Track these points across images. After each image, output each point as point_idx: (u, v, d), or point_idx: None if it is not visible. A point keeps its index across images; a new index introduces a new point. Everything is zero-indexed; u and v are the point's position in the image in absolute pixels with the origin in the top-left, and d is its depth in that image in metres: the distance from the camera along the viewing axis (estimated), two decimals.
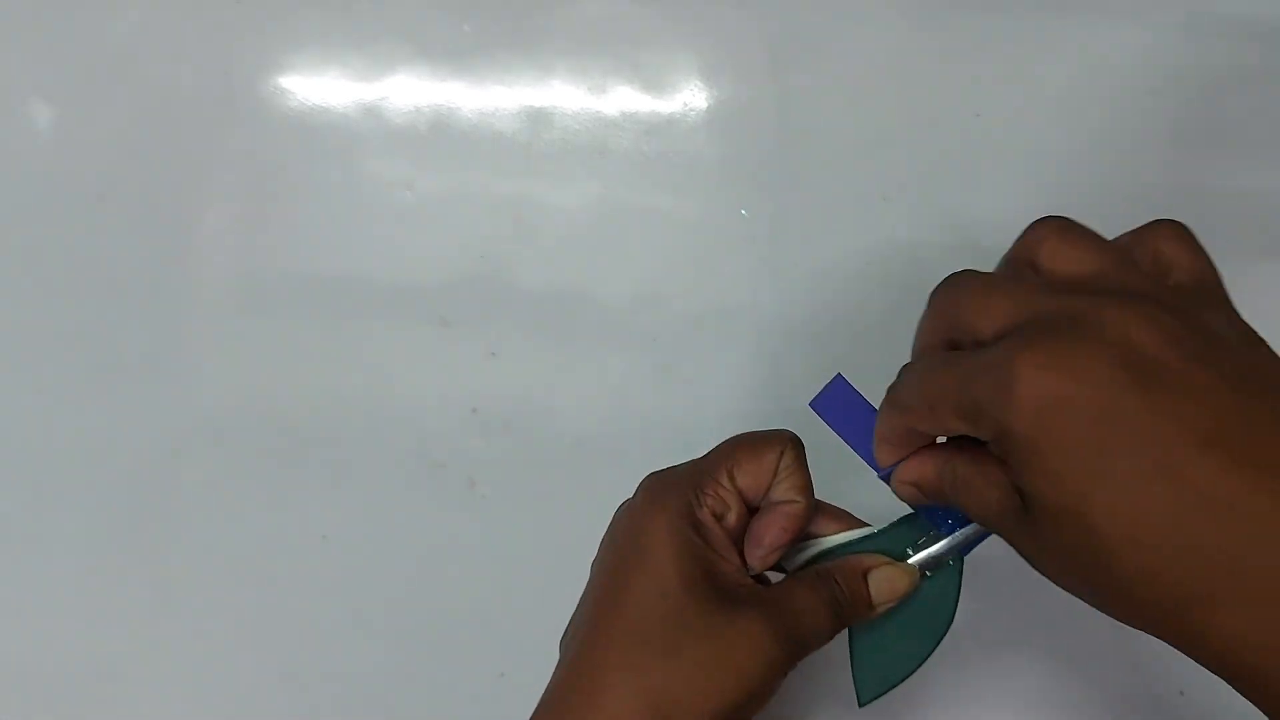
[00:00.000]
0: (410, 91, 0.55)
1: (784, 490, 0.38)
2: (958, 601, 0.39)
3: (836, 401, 0.40)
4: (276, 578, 0.54)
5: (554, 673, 0.37)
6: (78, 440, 0.55)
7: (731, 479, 0.38)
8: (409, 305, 0.54)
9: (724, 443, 0.39)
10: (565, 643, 0.38)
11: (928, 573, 0.39)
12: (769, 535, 0.37)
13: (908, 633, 0.40)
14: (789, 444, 0.39)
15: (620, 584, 0.36)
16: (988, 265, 0.53)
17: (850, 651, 0.40)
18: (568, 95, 0.55)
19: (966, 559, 0.40)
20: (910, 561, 0.39)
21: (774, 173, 0.54)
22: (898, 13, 0.54)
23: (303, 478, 0.54)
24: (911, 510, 0.39)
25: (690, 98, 0.54)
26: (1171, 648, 0.32)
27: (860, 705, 0.39)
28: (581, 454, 0.53)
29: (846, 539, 0.40)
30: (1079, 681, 0.46)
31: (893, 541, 0.39)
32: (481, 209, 0.54)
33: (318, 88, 0.55)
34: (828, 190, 0.54)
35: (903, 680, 0.39)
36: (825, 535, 0.40)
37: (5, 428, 0.55)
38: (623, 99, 0.54)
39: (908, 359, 0.53)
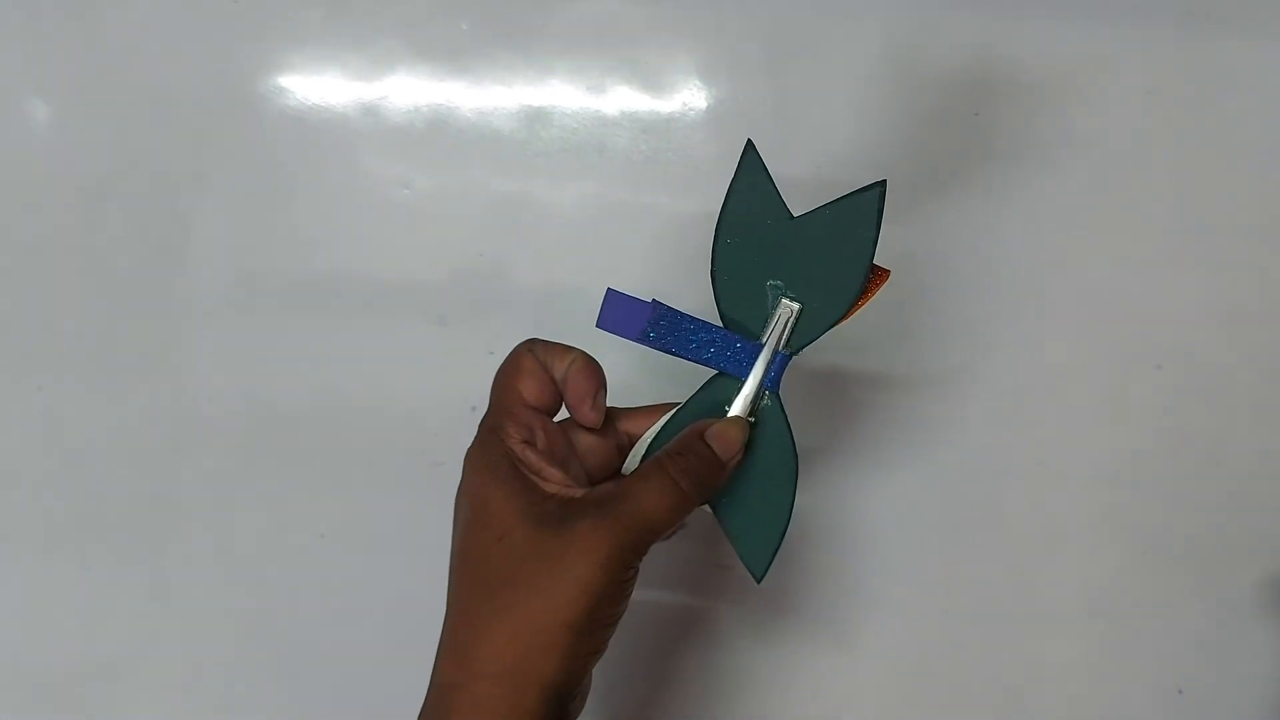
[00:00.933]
0: (409, 90, 0.55)
1: (564, 366, 0.41)
2: (791, 433, 0.40)
3: (618, 312, 0.42)
4: (274, 575, 0.54)
5: (439, 641, 0.39)
6: (74, 438, 0.55)
7: (522, 401, 0.40)
8: (407, 303, 0.54)
9: (495, 377, 0.41)
10: (449, 596, 0.40)
11: (752, 419, 0.40)
12: (574, 390, 0.40)
13: (764, 488, 0.40)
14: (537, 344, 0.41)
15: (464, 544, 0.39)
16: (984, 266, 0.53)
17: (728, 538, 0.41)
18: (566, 94, 0.55)
19: (783, 395, 0.41)
20: (733, 411, 0.40)
21: (772, 171, 0.54)
22: (894, 12, 0.54)
23: (300, 475, 0.54)
24: (712, 373, 0.41)
25: (688, 97, 0.54)
26: (1168, 645, 0.33)
27: (758, 580, 0.40)
28: None
29: (661, 424, 0.41)
30: (1075, 678, 0.46)
31: (706, 405, 0.41)
32: (480, 207, 0.54)
33: (316, 87, 0.55)
34: (826, 189, 0.54)
35: (783, 535, 0.40)
36: (642, 435, 0.42)
37: (2, 425, 0.55)
38: (621, 98, 0.55)
39: (904, 356, 0.53)
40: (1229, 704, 0.53)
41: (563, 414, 0.41)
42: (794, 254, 0.41)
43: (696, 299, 0.54)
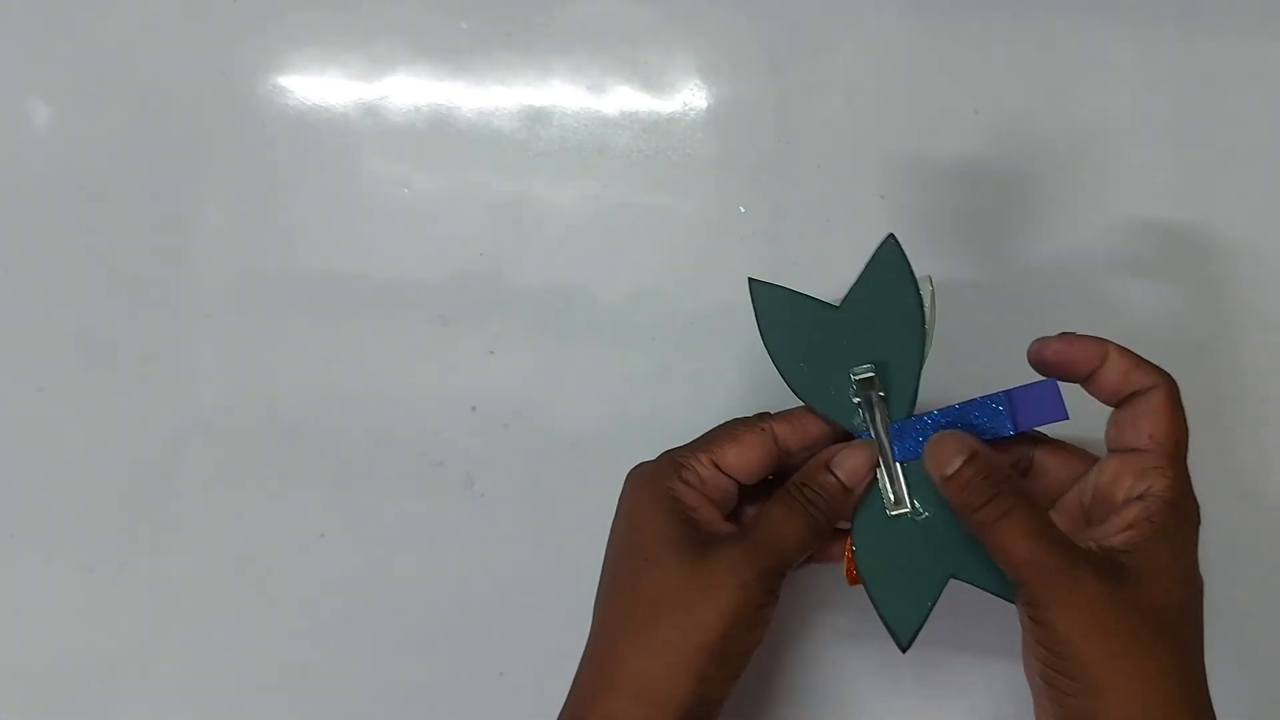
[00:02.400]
0: (409, 90, 0.55)
1: (803, 447, 0.42)
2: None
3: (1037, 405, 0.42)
4: (275, 576, 0.54)
5: (584, 649, 0.41)
6: (75, 438, 0.55)
7: (715, 464, 0.41)
8: (408, 303, 0.54)
9: (721, 426, 0.42)
10: (595, 614, 0.42)
11: (904, 495, 0.41)
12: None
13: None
14: (779, 422, 0.42)
15: (616, 561, 0.41)
16: (984, 265, 0.54)
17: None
18: (566, 94, 0.55)
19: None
20: (885, 494, 0.41)
21: (772, 171, 0.54)
22: (896, 12, 0.54)
23: (301, 476, 0.54)
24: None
25: (689, 97, 0.55)
26: None
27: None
28: (580, 452, 0.53)
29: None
30: None
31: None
32: (480, 207, 0.55)
33: (316, 87, 0.55)
34: (825, 188, 0.54)
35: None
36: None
37: (3, 425, 0.55)
38: (621, 98, 0.55)
39: None
40: (1228, 703, 0.53)
41: None
42: (854, 334, 0.42)
43: (696, 299, 0.54)
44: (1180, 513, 0.38)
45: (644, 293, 0.54)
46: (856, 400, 0.41)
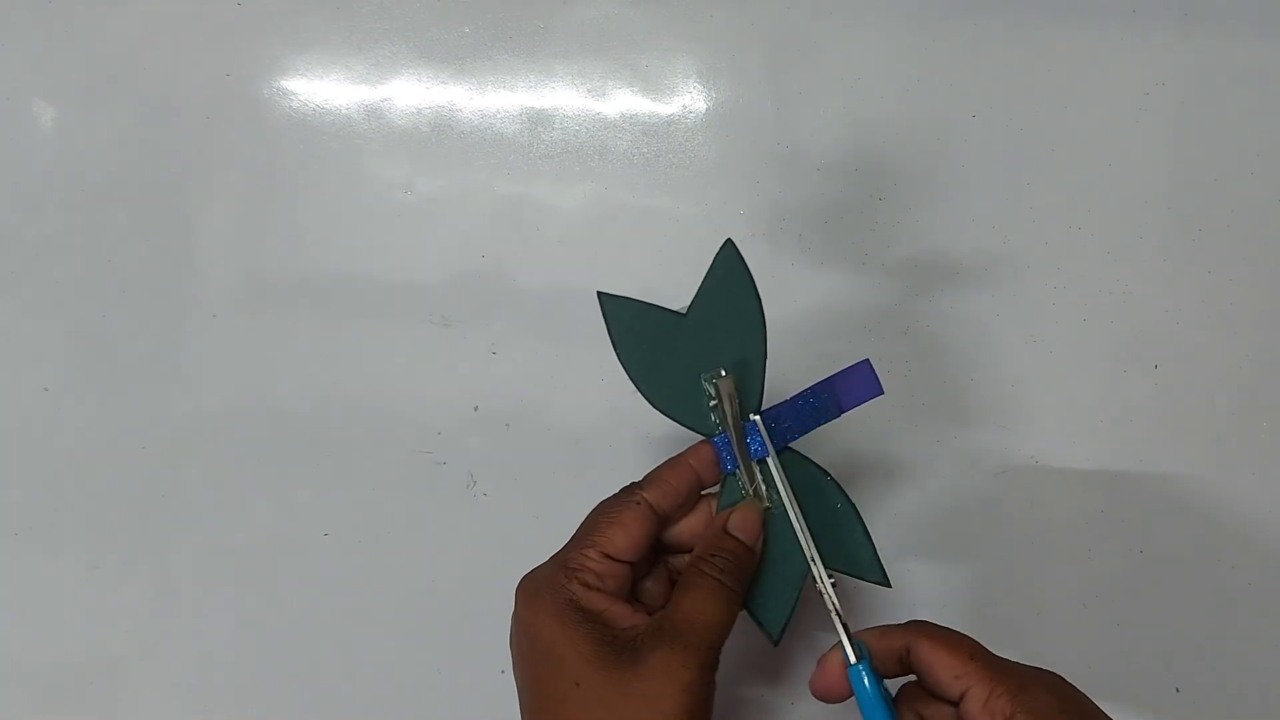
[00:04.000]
0: (411, 94, 0.55)
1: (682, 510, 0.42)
2: (823, 470, 0.42)
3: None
4: (278, 574, 0.54)
5: None
6: (80, 438, 0.55)
7: (604, 555, 0.39)
8: (410, 305, 0.54)
9: (591, 516, 0.41)
10: None
11: (764, 492, 0.42)
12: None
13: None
14: (651, 490, 0.41)
15: (536, 688, 0.38)
16: (983, 266, 0.54)
17: (840, 571, 0.42)
18: (567, 97, 0.55)
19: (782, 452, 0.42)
20: (748, 497, 0.42)
21: (772, 173, 0.54)
22: (893, 15, 0.54)
23: (304, 475, 0.54)
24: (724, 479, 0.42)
25: (688, 100, 0.55)
26: (1169, 645, 0.33)
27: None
28: (581, 452, 0.53)
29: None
30: (1073, 679, 0.46)
31: (733, 500, 0.42)
32: (482, 209, 0.55)
33: (320, 90, 0.55)
34: (824, 191, 0.54)
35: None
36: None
37: (9, 426, 0.55)
38: (622, 101, 0.55)
39: (902, 360, 0.53)
40: (1227, 703, 0.53)
41: None
42: (700, 340, 0.42)
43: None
44: (1043, 709, 0.37)
45: (644, 293, 0.53)
46: (712, 404, 0.42)
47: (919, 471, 0.53)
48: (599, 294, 0.42)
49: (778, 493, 0.41)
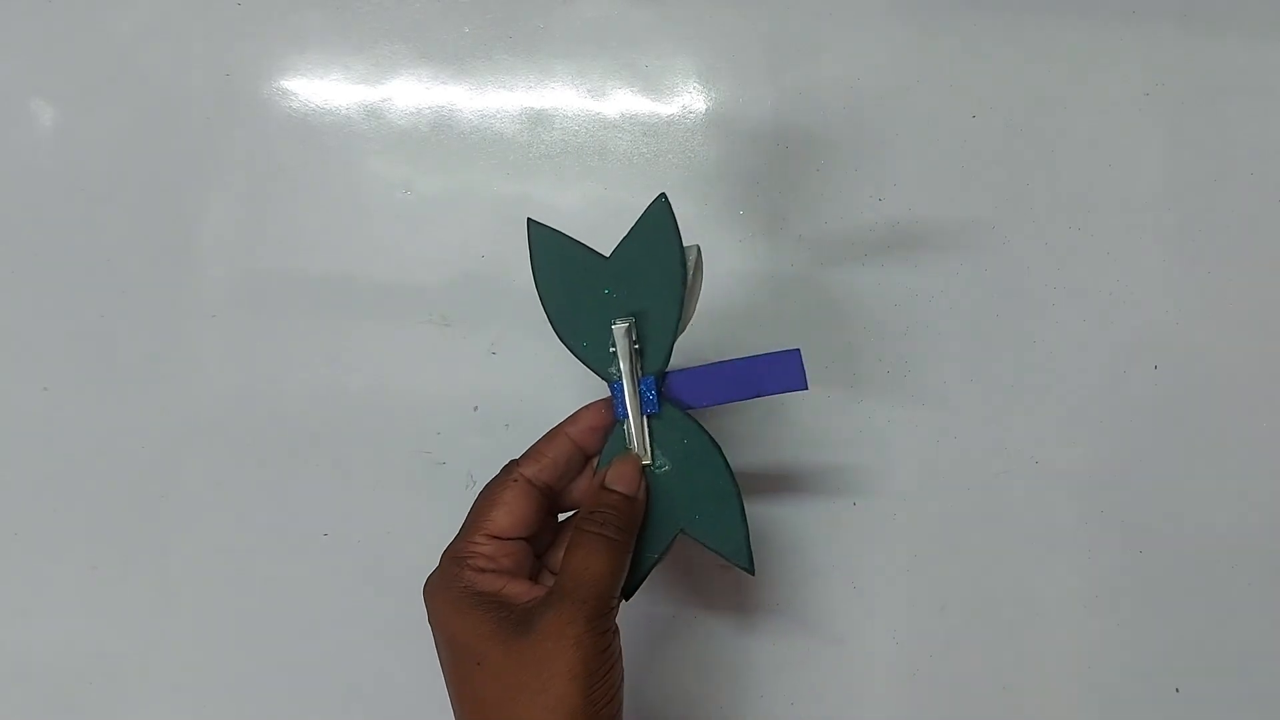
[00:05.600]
0: (411, 93, 0.55)
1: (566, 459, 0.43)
2: (704, 430, 0.42)
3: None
4: (278, 575, 0.54)
5: None
6: (80, 438, 0.55)
7: (491, 535, 0.41)
8: (410, 304, 0.54)
9: (474, 504, 0.42)
10: None
11: (649, 448, 0.42)
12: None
13: (709, 492, 0.42)
14: (522, 463, 0.42)
15: (452, 677, 0.40)
16: (983, 266, 0.54)
17: (711, 550, 0.42)
18: (567, 97, 0.55)
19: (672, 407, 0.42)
20: (629, 448, 0.42)
21: (772, 174, 0.54)
22: (894, 15, 0.54)
23: (304, 475, 0.54)
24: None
25: (688, 100, 0.55)
26: (1165, 644, 0.33)
27: (751, 572, 0.41)
28: None
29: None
30: (1074, 679, 0.46)
31: (614, 454, 0.43)
32: (482, 209, 0.55)
33: (320, 89, 0.55)
34: (824, 191, 0.54)
35: (744, 519, 0.41)
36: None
37: (8, 425, 0.55)
38: (621, 101, 0.55)
39: (902, 357, 0.53)
40: (1227, 703, 0.53)
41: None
42: (620, 286, 0.42)
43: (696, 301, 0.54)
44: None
45: None
46: (612, 350, 0.42)
47: (919, 472, 0.53)
48: (529, 220, 0.43)
49: (662, 453, 0.42)
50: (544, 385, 0.54)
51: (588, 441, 0.43)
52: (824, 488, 0.53)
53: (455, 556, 0.40)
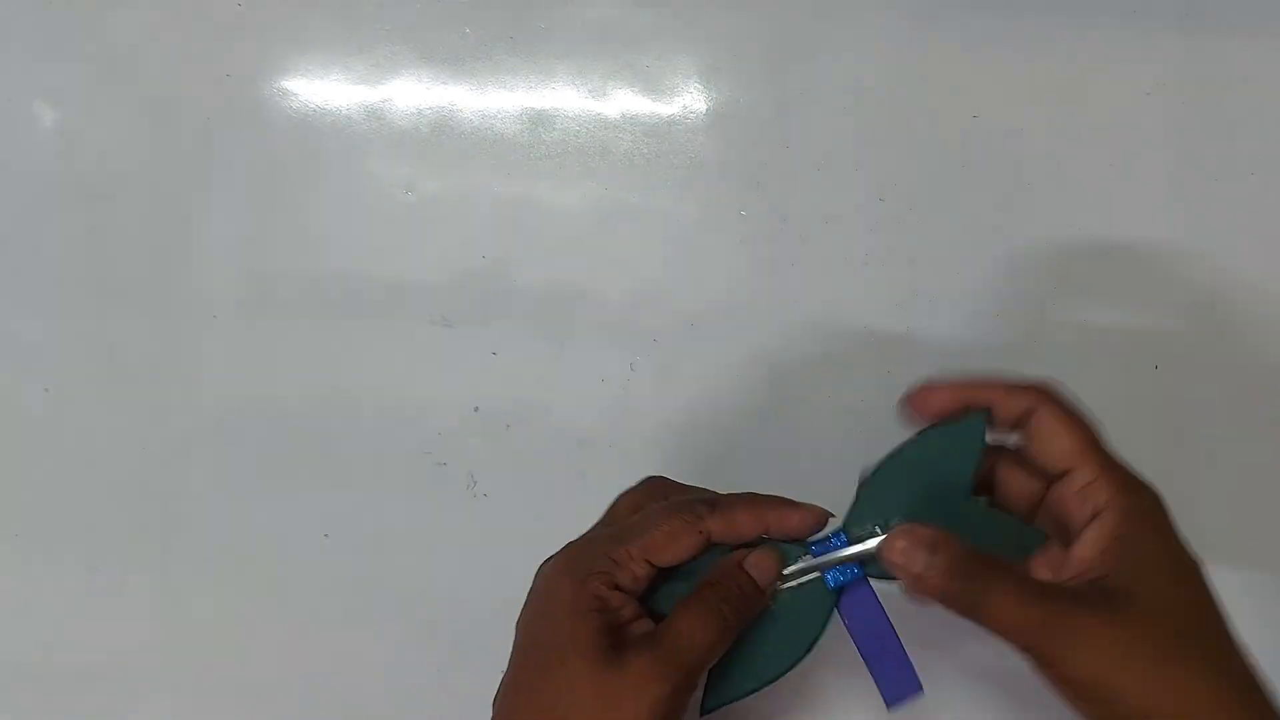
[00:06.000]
0: (412, 94, 0.55)
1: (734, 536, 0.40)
2: (822, 626, 0.40)
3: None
4: (279, 576, 0.54)
5: None
6: (80, 438, 0.55)
7: (644, 560, 0.39)
8: (411, 305, 0.54)
9: (642, 519, 0.40)
10: (495, 706, 0.40)
11: (788, 578, 0.40)
12: (758, 572, 0.40)
13: (766, 650, 0.40)
14: (703, 511, 0.40)
15: (529, 653, 0.39)
16: (983, 266, 0.54)
17: None
18: (568, 97, 0.55)
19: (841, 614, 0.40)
20: (788, 570, 0.40)
21: (773, 173, 0.54)
22: (895, 14, 0.54)
23: (305, 476, 0.54)
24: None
25: (689, 100, 0.55)
26: None
27: (702, 713, 0.40)
28: (582, 453, 0.54)
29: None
30: None
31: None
32: (483, 210, 0.55)
33: (320, 90, 0.55)
34: (825, 191, 0.54)
35: (746, 696, 0.40)
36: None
37: (11, 427, 0.55)
38: (623, 101, 0.55)
39: (902, 358, 0.53)
40: None
41: None
42: (910, 482, 0.40)
43: (696, 300, 0.54)
44: (1136, 513, 0.37)
45: (645, 294, 0.54)
46: (870, 531, 0.40)
47: None
48: (987, 413, 0.40)
49: (790, 601, 0.40)
50: (544, 385, 0.54)
51: (773, 529, 0.40)
52: (825, 490, 0.53)
53: (611, 559, 0.39)
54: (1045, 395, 0.39)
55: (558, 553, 0.40)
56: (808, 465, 0.53)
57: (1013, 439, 0.40)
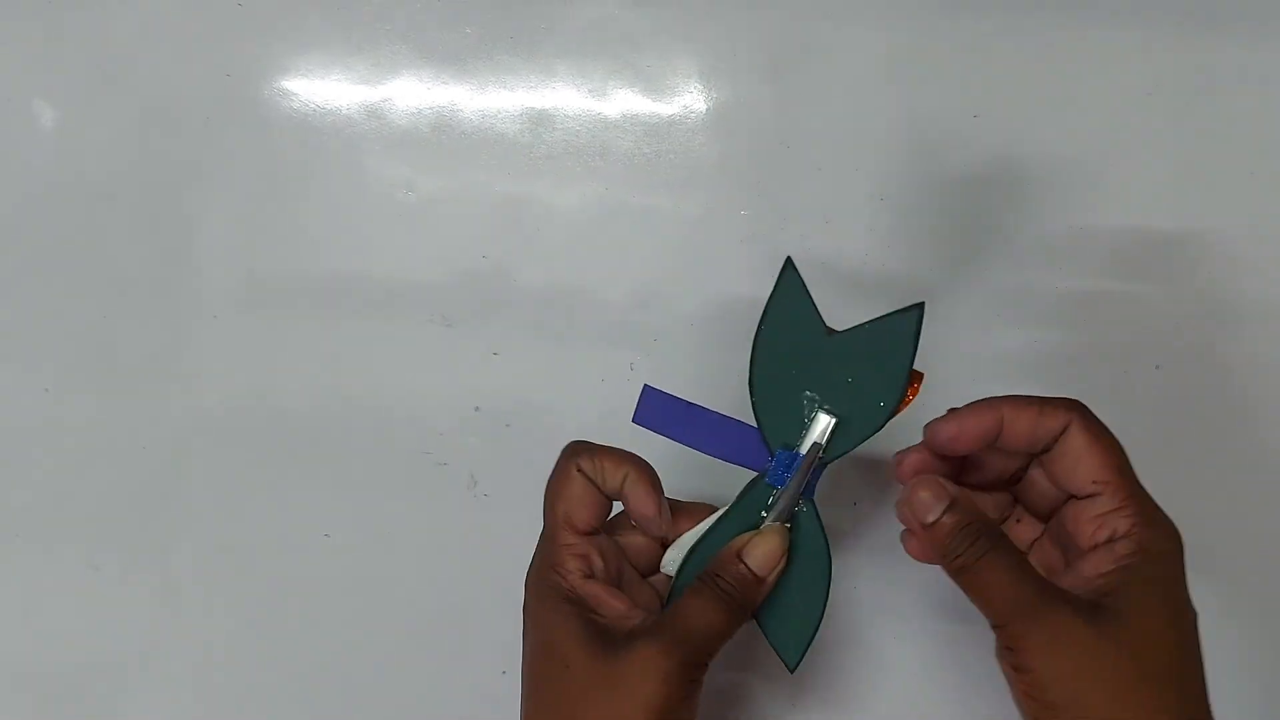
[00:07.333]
0: (412, 94, 0.55)
1: (619, 478, 0.41)
2: (826, 537, 0.41)
3: (655, 410, 0.42)
4: (279, 575, 0.54)
5: None
6: (80, 438, 0.55)
7: (575, 531, 0.40)
8: (411, 305, 0.54)
9: (546, 496, 0.41)
10: None
11: (788, 525, 0.41)
12: (638, 507, 0.40)
13: (798, 587, 0.41)
14: (583, 456, 0.41)
15: (533, 671, 0.39)
16: (983, 266, 0.54)
17: (761, 629, 0.41)
18: (568, 97, 0.55)
19: (816, 498, 0.41)
20: (768, 524, 0.41)
21: (773, 173, 0.54)
22: (895, 14, 0.54)
23: (305, 476, 0.54)
24: (752, 478, 0.42)
25: (690, 99, 0.55)
26: None
27: (791, 670, 0.41)
28: None
29: (703, 528, 0.42)
30: None
31: (746, 513, 0.42)
32: (483, 210, 0.55)
33: (321, 90, 0.55)
34: (825, 191, 0.54)
35: (816, 631, 0.41)
36: (684, 534, 0.42)
37: (10, 426, 0.55)
38: (623, 101, 0.55)
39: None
40: (1227, 703, 0.53)
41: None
42: (831, 368, 0.41)
43: (697, 300, 0.54)
44: (1154, 550, 0.37)
45: (645, 294, 0.54)
46: (803, 430, 0.41)
47: None
48: (789, 260, 0.41)
49: (806, 533, 0.41)
50: (545, 385, 0.54)
51: (638, 517, 0.42)
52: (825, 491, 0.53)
53: (549, 562, 0.40)
54: (1078, 414, 0.39)
55: (525, 591, 0.41)
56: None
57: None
